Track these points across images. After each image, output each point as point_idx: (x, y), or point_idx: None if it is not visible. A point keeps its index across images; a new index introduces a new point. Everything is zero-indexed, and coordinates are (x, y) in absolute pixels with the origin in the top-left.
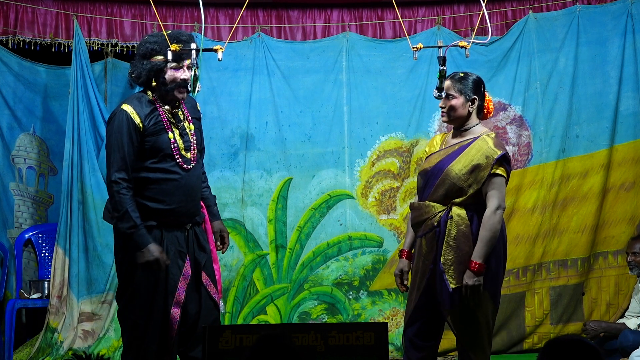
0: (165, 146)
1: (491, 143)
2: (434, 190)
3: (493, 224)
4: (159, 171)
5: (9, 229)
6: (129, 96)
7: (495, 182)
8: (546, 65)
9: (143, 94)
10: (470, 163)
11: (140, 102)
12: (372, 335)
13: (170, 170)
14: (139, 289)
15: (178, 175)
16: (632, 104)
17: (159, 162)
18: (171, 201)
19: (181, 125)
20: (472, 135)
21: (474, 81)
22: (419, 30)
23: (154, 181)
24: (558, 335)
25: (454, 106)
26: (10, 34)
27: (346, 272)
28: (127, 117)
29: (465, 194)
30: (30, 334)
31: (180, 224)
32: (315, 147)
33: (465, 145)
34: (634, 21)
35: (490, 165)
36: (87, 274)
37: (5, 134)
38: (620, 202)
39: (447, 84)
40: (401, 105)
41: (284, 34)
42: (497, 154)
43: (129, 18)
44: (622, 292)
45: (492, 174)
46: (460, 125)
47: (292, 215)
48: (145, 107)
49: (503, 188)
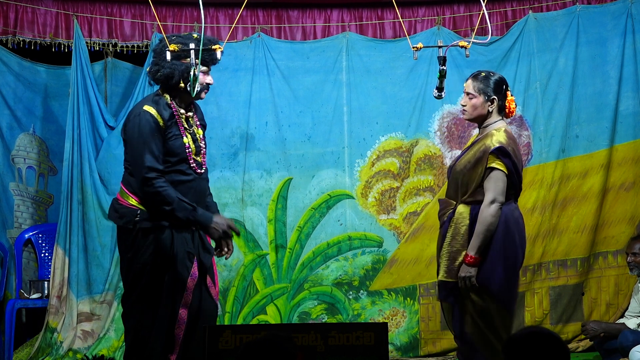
0: (180, 150)
1: (494, 137)
2: (448, 186)
3: (486, 217)
4: (174, 173)
5: (9, 229)
6: (145, 98)
7: (491, 176)
8: (546, 65)
9: (160, 96)
10: (472, 158)
11: (159, 104)
12: (372, 335)
13: (185, 172)
14: (148, 290)
15: (191, 177)
16: (632, 104)
17: (175, 165)
18: None
19: (192, 130)
20: (487, 132)
21: (495, 81)
22: (419, 30)
23: (168, 182)
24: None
25: (474, 105)
26: (10, 34)
27: (346, 272)
28: (152, 118)
29: (470, 190)
30: (30, 334)
31: (187, 225)
32: (315, 147)
33: (476, 142)
34: (634, 21)
35: (486, 159)
36: (87, 274)
37: (5, 134)
38: (620, 202)
39: (468, 83)
40: (401, 105)
41: (284, 34)
42: (492, 147)
43: (129, 18)
44: (622, 292)
45: (488, 168)
46: (481, 123)
47: (292, 215)
48: (164, 110)
49: (500, 182)
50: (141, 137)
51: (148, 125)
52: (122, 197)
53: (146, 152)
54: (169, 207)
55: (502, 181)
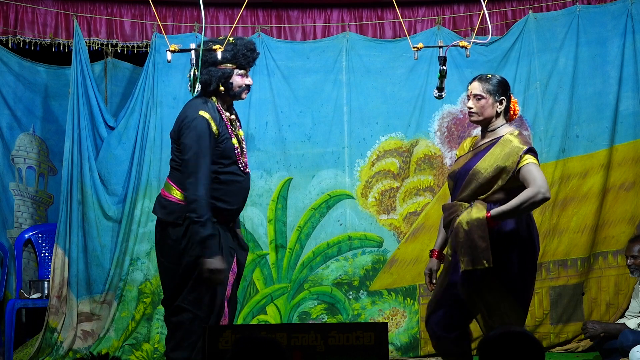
0: (231, 152)
1: (516, 141)
2: (462, 190)
3: (526, 198)
4: (228, 174)
5: (9, 229)
6: (196, 100)
7: (530, 169)
8: (546, 65)
9: (207, 99)
10: (495, 162)
11: (209, 108)
12: (372, 335)
13: (236, 173)
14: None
15: (242, 178)
16: (632, 104)
17: (227, 167)
18: (235, 202)
19: (236, 132)
20: (497, 135)
21: (501, 82)
22: (419, 30)
23: (223, 182)
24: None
25: (484, 107)
26: (10, 34)
27: (346, 272)
28: (208, 126)
29: (490, 190)
30: (30, 334)
31: (230, 221)
32: (315, 147)
33: (490, 145)
34: (634, 21)
35: (516, 161)
36: (87, 274)
37: (5, 134)
38: (620, 202)
39: (475, 85)
40: (401, 105)
41: (284, 34)
42: (523, 149)
43: (129, 18)
44: (622, 292)
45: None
46: (486, 126)
47: (292, 215)
48: (215, 114)
49: (540, 173)
50: (200, 146)
51: (204, 134)
52: (168, 192)
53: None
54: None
55: (541, 172)
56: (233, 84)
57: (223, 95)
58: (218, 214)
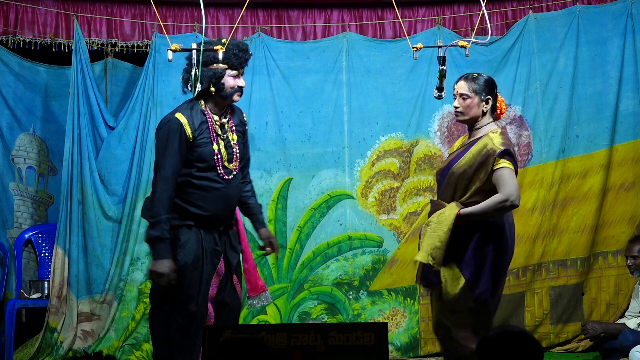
0: (209, 157)
1: (495, 140)
2: (443, 189)
3: (495, 203)
4: (202, 179)
5: (9, 229)
6: (182, 104)
7: (502, 174)
8: (546, 65)
9: (195, 102)
10: (472, 160)
11: (192, 112)
12: (372, 335)
13: (213, 179)
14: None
15: (220, 185)
16: (632, 104)
17: (203, 171)
18: (210, 208)
19: (226, 136)
20: (481, 134)
21: (487, 81)
22: (419, 30)
23: (196, 187)
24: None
25: (469, 106)
26: (11, 34)
27: (346, 272)
28: (179, 127)
29: (468, 192)
30: (30, 334)
31: (215, 226)
32: (315, 147)
33: (471, 144)
34: (634, 21)
35: (491, 162)
36: (87, 274)
37: (5, 134)
38: (620, 202)
39: (461, 84)
40: (401, 105)
41: (284, 34)
42: (498, 150)
43: (129, 18)
44: (622, 292)
45: (496, 169)
46: (472, 124)
47: (292, 215)
48: (196, 118)
49: (512, 179)
50: (165, 146)
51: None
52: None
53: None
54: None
55: (514, 178)
56: (225, 84)
57: (214, 97)
58: (193, 218)
